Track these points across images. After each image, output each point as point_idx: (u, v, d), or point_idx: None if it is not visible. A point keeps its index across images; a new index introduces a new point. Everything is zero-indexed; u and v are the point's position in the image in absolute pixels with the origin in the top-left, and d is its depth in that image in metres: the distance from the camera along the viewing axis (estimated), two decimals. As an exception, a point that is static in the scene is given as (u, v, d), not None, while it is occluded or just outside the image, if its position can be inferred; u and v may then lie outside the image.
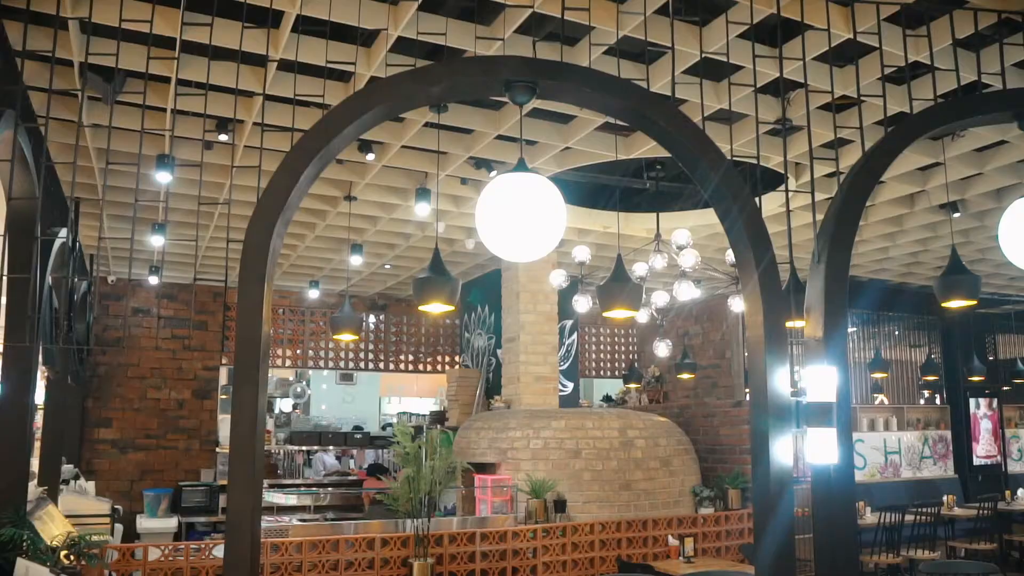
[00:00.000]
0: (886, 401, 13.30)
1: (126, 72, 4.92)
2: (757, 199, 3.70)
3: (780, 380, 3.37)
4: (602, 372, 14.18)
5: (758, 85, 5.03)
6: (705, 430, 8.95)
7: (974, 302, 5.12)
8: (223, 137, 5.71)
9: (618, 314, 4.85)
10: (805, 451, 3.25)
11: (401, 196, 7.39)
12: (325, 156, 3.39)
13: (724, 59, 4.36)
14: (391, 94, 3.36)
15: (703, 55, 4.29)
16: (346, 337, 7.35)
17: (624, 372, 12.39)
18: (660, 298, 6.74)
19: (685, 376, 10.75)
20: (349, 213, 7.66)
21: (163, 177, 6.10)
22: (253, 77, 5.08)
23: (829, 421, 3.26)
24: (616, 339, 14.31)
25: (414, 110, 5.47)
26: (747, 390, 12.42)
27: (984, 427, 13.84)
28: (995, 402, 13.87)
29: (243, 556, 2.99)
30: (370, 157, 6.15)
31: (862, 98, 4.74)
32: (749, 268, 3.51)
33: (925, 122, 3.76)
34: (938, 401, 13.96)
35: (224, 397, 13.04)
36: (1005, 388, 13.74)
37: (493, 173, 6.55)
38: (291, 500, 6.56)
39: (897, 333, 14.57)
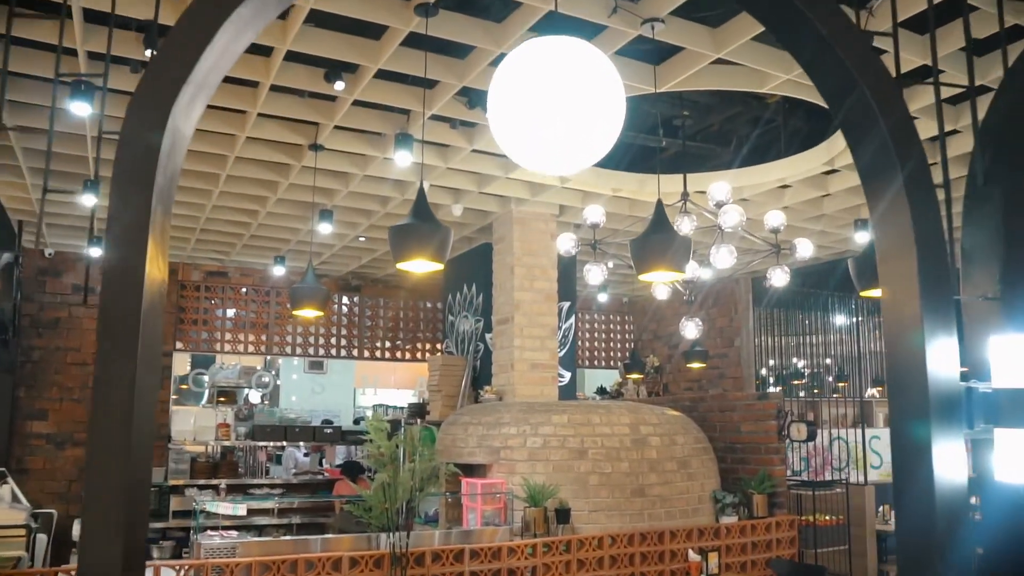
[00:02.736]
0: (875, 395, 12.19)
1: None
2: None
3: (944, 357, 2.23)
4: (596, 362, 13.07)
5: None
6: (723, 426, 7.83)
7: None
8: (149, 53, 4.48)
9: (659, 276, 3.72)
10: (995, 464, 2.06)
11: (377, 145, 6.19)
12: (261, 9, 2.20)
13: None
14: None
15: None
16: (309, 313, 6.15)
17: (625, 361, 11.27)
18: (688, 268, 5.59)
19: (695, 365, 9.69)
20: (315, 168, 6.46)
21: (80, 109, 4.86)
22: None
23: (1030, 419, 2.13)
24: (612, 326, 13.20)
25: (394, 17, 4.28)
26: (775, 383, 11.40)
27: (1004, 422, 12.86)
28: (1015, 395, 12.91)
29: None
30: (339, 86, 4.95)
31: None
32: (889, 180, 2.34)
33: None
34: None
35: (184, 387, 11.84)
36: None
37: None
38: (240, 509, 5.35)
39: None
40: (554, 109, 2.11)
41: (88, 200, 7.17)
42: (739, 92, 6.66)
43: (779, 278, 5.78)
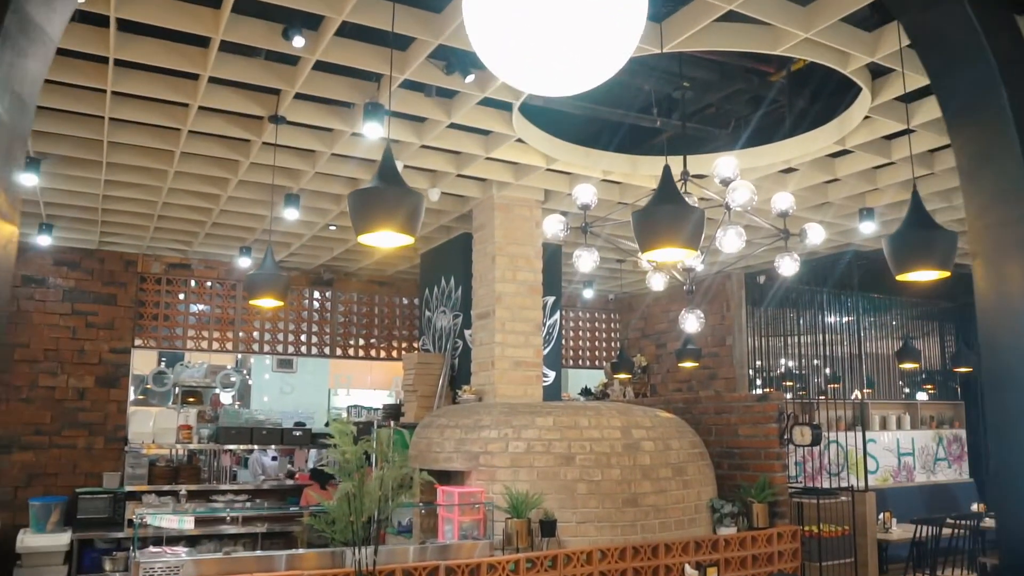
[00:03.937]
0: (859, 396, 11.73)
1: None
2: None
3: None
4: (581, 362, 12.52)
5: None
6: (719, 429, 7.30)
7: None
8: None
9: (667, 254, 3.14)
10: None
11: (345, 118, 5.60)
12: None
13: None
14: None
15: None
16: (268, 303, 5.55)
17: (612, 360, 10.73)
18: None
19: (688, 364, 9.16)
20: (275, 144, 5.85)
21: None
22: None
23: None
24: (597, 324, 12.66)
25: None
26: (762, 384, 10.89)
27: (1002, 425, 12.48)
28: (1012, 397, 12.53)
29: None
30: (298, 42, 4.36)
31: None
32: (991, 112, 1.79)
33: None
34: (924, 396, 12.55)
35: (149, 387, 11.17)
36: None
37: (471, 78, 4.79)
38: (186, 522, 4.73)
39: (895, 323, 13.19)
40: (546, 12, 1.55)
41: (28, 180, 6.55)
42: (740, 68, 6.13)
43: (788, 266, 5.26)
